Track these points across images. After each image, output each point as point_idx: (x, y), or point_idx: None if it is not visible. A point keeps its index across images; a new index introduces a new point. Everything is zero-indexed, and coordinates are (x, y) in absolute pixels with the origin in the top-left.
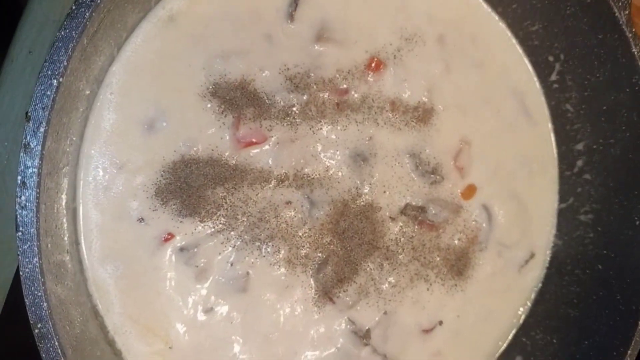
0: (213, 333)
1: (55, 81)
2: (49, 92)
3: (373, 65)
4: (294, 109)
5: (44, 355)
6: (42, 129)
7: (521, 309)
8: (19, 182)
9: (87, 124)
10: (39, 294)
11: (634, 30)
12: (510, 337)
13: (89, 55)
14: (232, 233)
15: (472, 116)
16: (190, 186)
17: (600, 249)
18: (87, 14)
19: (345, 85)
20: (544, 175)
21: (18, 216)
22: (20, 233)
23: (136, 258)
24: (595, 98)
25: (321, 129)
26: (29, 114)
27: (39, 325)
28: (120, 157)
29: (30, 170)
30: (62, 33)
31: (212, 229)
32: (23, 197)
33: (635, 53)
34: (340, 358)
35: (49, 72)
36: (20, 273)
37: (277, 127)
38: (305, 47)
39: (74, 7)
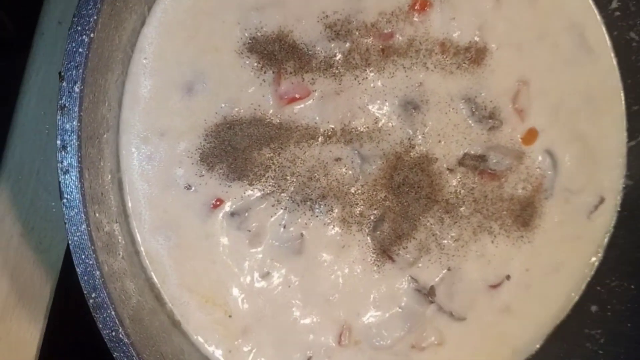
0: (272, 298)
1: (86, 37)
2: (80, 49)
3: (418, 5)
4: (337, 58)
5: (100, 326)
6: (77, 89)
7: (593, 257)
8: (58, 145)
9: (124, 90)
10: (90, 262)
11: None
12: (583, 287)
13: (119, 11)
14: (282, 195)
15: (528, 54)
16: (235, 149)
17: None
18: None
19: (389, 29)
20: (609, 112)
21: (61, 182)
22: (65, 200)
23: (187, 227)
24: None
25: (367, 78)
26: (62, 73)
27: (93, 295)
28: (161, 123)
29: (69, 133)
30: None
31: (262, 192)
32: (65, 162)
33: None
34: (405, 317)
35: (79, 28)
36: (69, 242)
37: (320, 80)
38: None
39: None
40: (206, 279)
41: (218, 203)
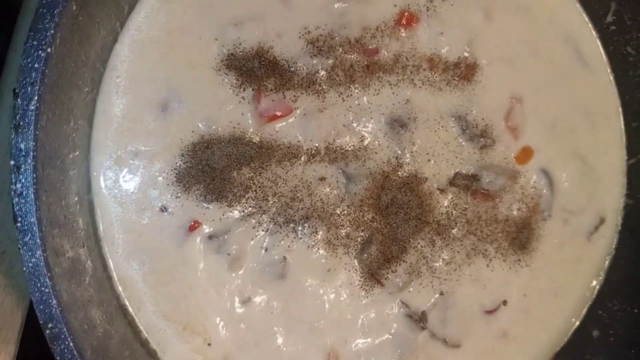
0: (253, 325)
1: (42, 52)
2: (36, 65)
3: (404, 19)
4: (320, 75)
5: (58, 358)
6: (32, 107)
7: (594, 280)
8: (12, 166)
9: (96, 109)
10: (46, 290)
11: None
12: (584, 312)
13: (83, 26)
14: (263, 216)
15: (521, 69)
16: (213, 169)
17: None
18: None
19: (374, 45)
20: (608, 129)
21: (15, 205)
22: (19, 224)
23: (163, 251)
24: None
25: (351, 95)
26: (17, 90)
27: (50, 325)
28: (134, 143)
29: (23, 153)
30: None
31: (242, 213)
32: (19, 184)
33: None
34: (396, 344)
35: (35, 43)
36: (24, 268)
37: (302, 97)
38: (326, 6)
39: None
40: (184, 306)
41: (195, 225)
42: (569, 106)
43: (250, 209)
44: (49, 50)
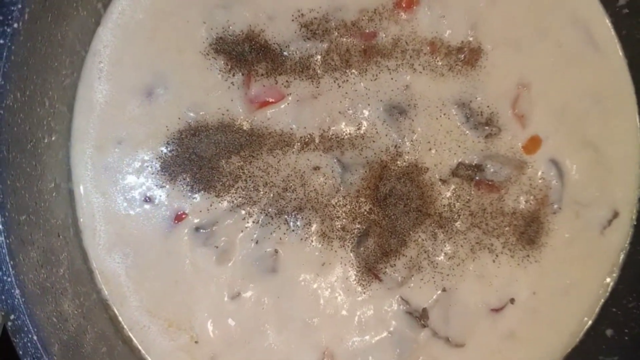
0: (243, 322)
1: (8, 28)
2: (1, 41)
3: (403, 2)
4: (314, 59)
5: (20, 352)
6: None
7: (608, 277)
8: None
9: (77, 95)
10: (9, 279)
11: None
12: (597, 310)
13: (58, 4)
14: (253, 207)
15: (528, 54)
16: (200, 157)
17: None
18: None
19: (372, 28)
20: (621, 115)
21: None
22: None
23: (147, 243)
24: None
25: (347, 80)
26: None
27: (12, 317)
28: (118, 131)
29: None
30: None
31: (231, 204)
32: None
33: None
34: (395, 343)
35: (0, 17)
36: None
37: (295, 83)
38: None
39: None
40: (169, 301)
41: (182, 217)
42: (579, 92)
43: (239, 199)
44: (15, 25)
